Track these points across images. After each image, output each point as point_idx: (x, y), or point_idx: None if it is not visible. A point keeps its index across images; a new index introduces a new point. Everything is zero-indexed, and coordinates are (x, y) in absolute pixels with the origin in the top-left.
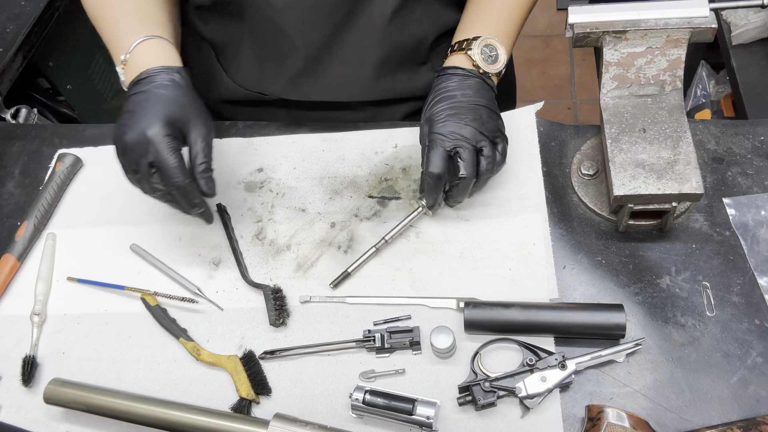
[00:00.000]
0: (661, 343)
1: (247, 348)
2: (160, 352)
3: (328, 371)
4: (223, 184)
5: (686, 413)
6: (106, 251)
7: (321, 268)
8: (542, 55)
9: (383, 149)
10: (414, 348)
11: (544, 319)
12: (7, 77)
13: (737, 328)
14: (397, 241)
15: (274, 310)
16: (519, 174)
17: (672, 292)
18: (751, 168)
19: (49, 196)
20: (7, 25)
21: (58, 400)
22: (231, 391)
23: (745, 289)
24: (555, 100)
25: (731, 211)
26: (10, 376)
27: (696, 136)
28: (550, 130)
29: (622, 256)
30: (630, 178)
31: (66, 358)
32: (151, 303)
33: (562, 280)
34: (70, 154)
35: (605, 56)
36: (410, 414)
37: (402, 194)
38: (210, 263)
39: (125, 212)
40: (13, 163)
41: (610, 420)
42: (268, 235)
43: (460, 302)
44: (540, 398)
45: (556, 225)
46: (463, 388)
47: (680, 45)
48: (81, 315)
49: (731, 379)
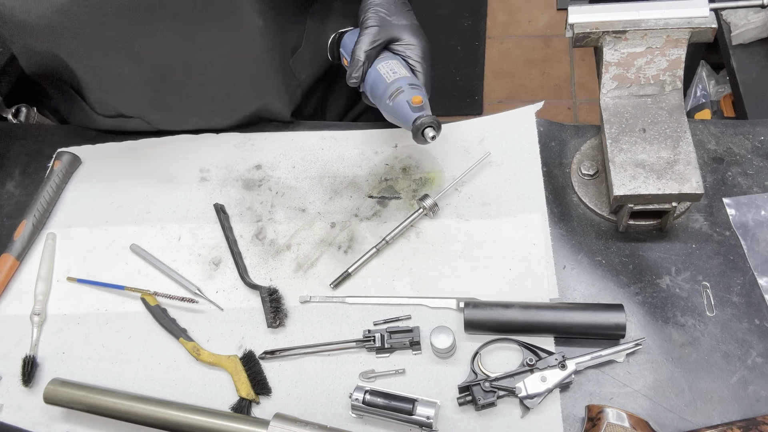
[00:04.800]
0: (661, 343)
1: (247, 348)
2: (160, 352)
3: (328, 371)
4: (221, 179)
5: (686, 413)
6: (106, 251)
7: (321, 268)
8: (542, 55)
9: (383, 149)
10: (414, 348)
11: (544, 319)
12: (7, 77)
13: (737, 328)
14: (397, 241)
15: (270, 312)
16: (519, 174)
17: (672, 292)
18: (751, 168)
19: (48, 195)
20: None
21: (58, 400)
22: (231, 391)
23: (745, 289)
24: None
25: (731, 211)
26: (10, 376)
27: (696, 136)
28: (550, 130)
29: (622, 256)
30: (630, 178)
31: (66, 358)
32: (151, 303)
33: (562, 280)
34: (67, 152)
35: (605, 56)
36: (410, 414)
37: (402, 194)
38: (210, 263)
39: (125, 212)
40: (13, 163)
41: (610, 420)
42: (268, 235)
43: (460, 302)
44: (540, 398)
45: (556, 225)
46: (463, 388)
47: (680, 45)
48: (81, 315)
49: (731, 379)
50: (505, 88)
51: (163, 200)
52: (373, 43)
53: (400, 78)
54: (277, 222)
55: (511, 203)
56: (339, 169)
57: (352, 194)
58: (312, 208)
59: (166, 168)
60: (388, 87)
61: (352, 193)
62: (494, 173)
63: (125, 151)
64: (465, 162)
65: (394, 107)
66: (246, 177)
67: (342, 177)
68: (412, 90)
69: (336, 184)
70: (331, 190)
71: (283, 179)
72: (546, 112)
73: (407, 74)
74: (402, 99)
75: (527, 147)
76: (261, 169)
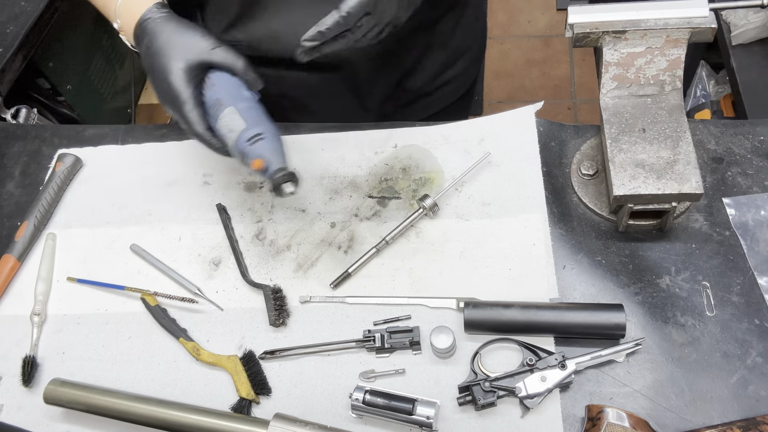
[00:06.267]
0: (661, 343)
1: (247, 348)
2: (160, 352)
3: (328, 371)
4: (223, 184)
5: (686, 413)
6: (106, 251)
7: (321, 268)
8: (542, 55)
9: (383, 149)
10: (414, 348)
11: (544, 319)
12: (7, 77)
13: (737, 327)
14: (397, 241)
15: (274, 310)
16: (519, 174)
17: (672, 292)
18: (751, 168)
19: (49, 197)
20: (7, 25)
21: (58, 400)
22: (231, 391)
23: (745, 289)
24: (555, 100)
25: (731, 211)
26: (11, 377)
27: (696, 136)
28: (550, 130)
29: (622, 256)
30: (630, 178)
31: (66, 358)
32: (151, 303)
33: (562, 280)
34: (70, 155)
35: (605, 56)
36: (410, 414)
37: (402, 194)
38: (210, 263)
39: (125, 212)
40: (13, 164)
41: (610, 420)
42: (268, 235)
43: (460, 302)
44: (540, 398)
45: (556, 225)
46: (463, 388)
47: (680, 45)
48: (81, 315)
49: (731, 379)
50: (505, 88)
51: (165, 202)
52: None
53: (238, 136)
54: (277, 222)
55: (511, 203)
56: (339, 170)
57: (352, 194)
58: (312, 208)
59: (168, 172)
60: (233, 152)
61: (352, 193)
62: (494, 173)
63: (128, 154)
64: (465, 162)
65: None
66: (247, 180)
67: (342, 177)
68: (251, 148)
69: (336, 185)
70: (331, 191)
71: None
72: (546, 112)
73: (241, 124)
74: (247, 163)
75: (527, 147)
76: None
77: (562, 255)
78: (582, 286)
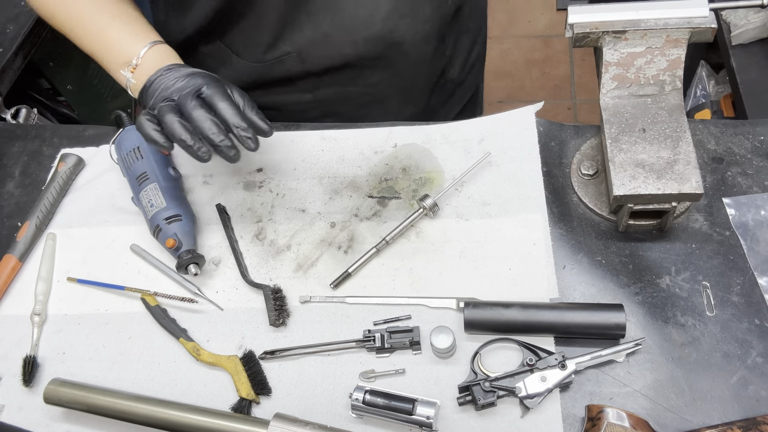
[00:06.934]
0: (661, 343)
1: (247, 348)
2: (160, 352)
3: (328, 371)
4: (223, 184)
5: (686, 413)
6: (106, 251)
7: (321, 268)
8: (542, 55)
9: (383, 149)
10: (414, 348)
11: (544, 319)
12: (7, 77)
13: (737, 328)
14: (397, 241)
15: (274, 310)
16: (519, 174)
17: (672, 292)
18: (750, 168)
19: (51, 197)
20: (7, 25)
21: (59, 400)
22: (231, 391)
23: (745, 289)
24: (555, 100)
25: (731, 211)
26: (11, 377)
27: (696, 136)
28: (550, 130)
29: (622, 256)
30: (630, 178)
31: (66, 358)
32: (151, 303)
33: (562, 280)
34: (72, 155)
35: (605, 56)
36: (410, 414)
37: (402, 194)
38: (210, 263)
39: (125, 212)
40: (13, 164)
41: (610, 420)
42: (268, 235)
43: (460, 302)
44: (540, 398)
45: (556, 225)
46: (463, 388)
47: (680, 45)
48: (81, 315)
49: (731, 379)
50: (505, 88)
51: None
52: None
53: (155, 214)
54: (277, 222)
55: (511, 203)
56: (339, 170)
57: (352, 194)
58: (312, 208)
59: None
60: (149, 223)
61: (352, 193)
62: (494, 173)
63: None
64: (465, 162)
65: (160, 245)
66: (247, 180)
67: (342, 177)
68: (167, 227)
69: (336, 184)
70: (331, 190)
71: (283, 181)
72: (546, 112)
73: (162, 203)
74: (161, 239)
75: (527, 147)
76: (262, 172)
77: (562, 255)
78: (582, 286)
